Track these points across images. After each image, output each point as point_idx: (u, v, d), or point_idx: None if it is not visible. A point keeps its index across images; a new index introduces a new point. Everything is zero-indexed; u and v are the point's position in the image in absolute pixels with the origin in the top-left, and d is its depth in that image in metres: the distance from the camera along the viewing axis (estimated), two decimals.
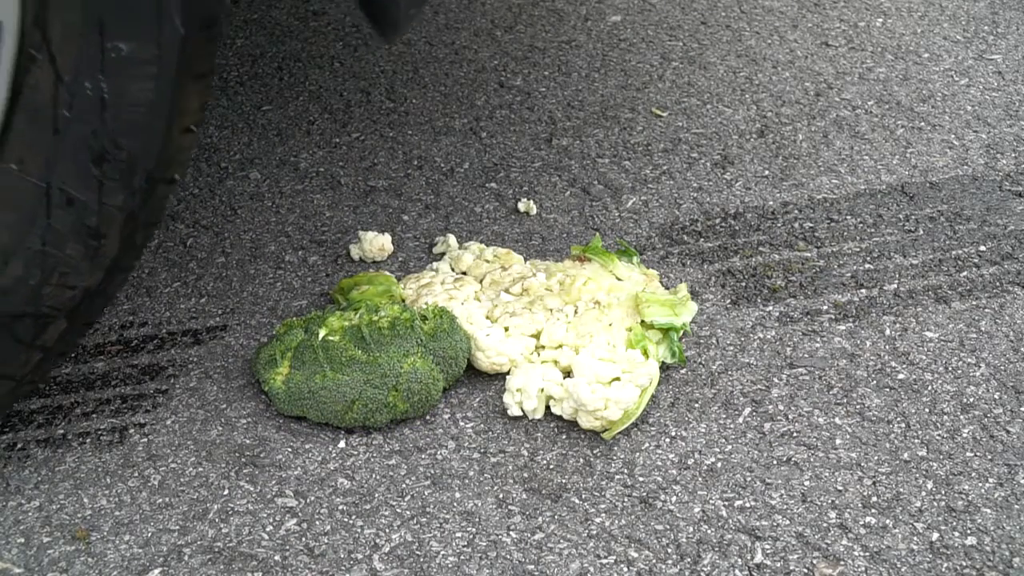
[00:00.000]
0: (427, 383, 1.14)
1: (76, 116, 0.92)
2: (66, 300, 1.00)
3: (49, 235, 0.96)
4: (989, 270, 1.39)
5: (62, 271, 0.98)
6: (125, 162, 0.95)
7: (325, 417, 1.14)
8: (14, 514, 1.07)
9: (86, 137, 0.93)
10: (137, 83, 0.92)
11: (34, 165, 0.94)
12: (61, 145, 0.93)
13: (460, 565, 1.01)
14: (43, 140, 0.93)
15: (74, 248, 0.97)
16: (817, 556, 1.02)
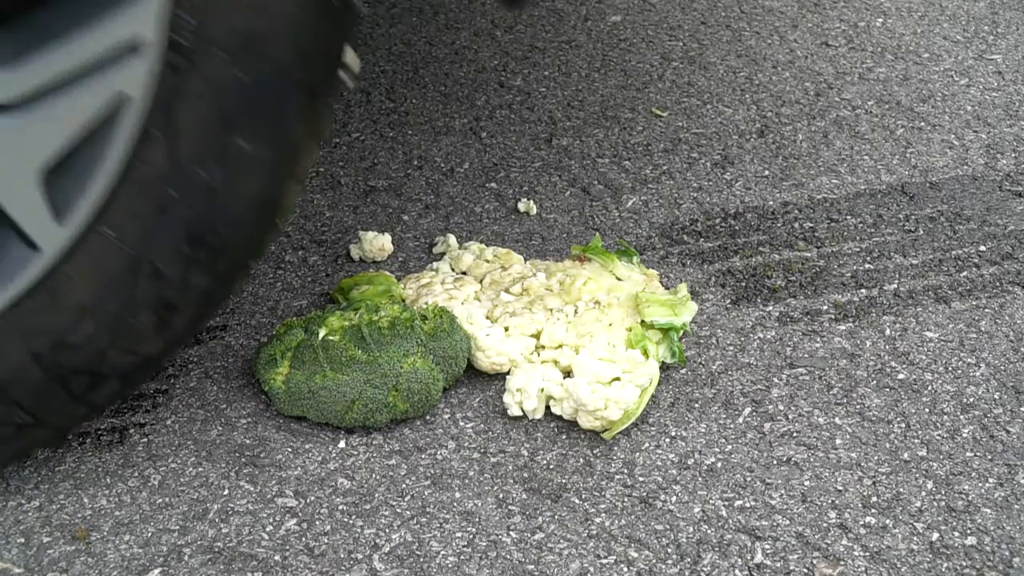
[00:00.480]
0: (427, 383, 1.14)
1: (183, 199, 0.95)
2: (125, 364, 1.03)
3: (128, 302, 0.99)
4: (989, 270, 1.39)
5: (130, 337, 1.01)
6: (218, 248, 0.98)
7: (325, 417, 1.14)
8: (14, 514, 1.07)
9: (188, 219, 0.96)
10: (248, 179, 0.96)
11: (131, 235, 0.96)
12: (162, 222, 0.96)
13: (460, 565, 1.01)
14: (146, 214, 0.95)
15: (147, 318, 1.00)
16: (817, 556, 1.02)
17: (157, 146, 0.93)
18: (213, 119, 0.92)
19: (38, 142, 0.91)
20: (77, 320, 0.99)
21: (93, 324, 0.99)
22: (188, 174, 0.94)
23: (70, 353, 1.00)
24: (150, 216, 0.95)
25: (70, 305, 0.98)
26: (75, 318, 0.99)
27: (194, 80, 0.91)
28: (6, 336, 0.99)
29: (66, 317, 0.99)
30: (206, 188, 0.95)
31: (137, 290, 0.98)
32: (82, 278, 0.97)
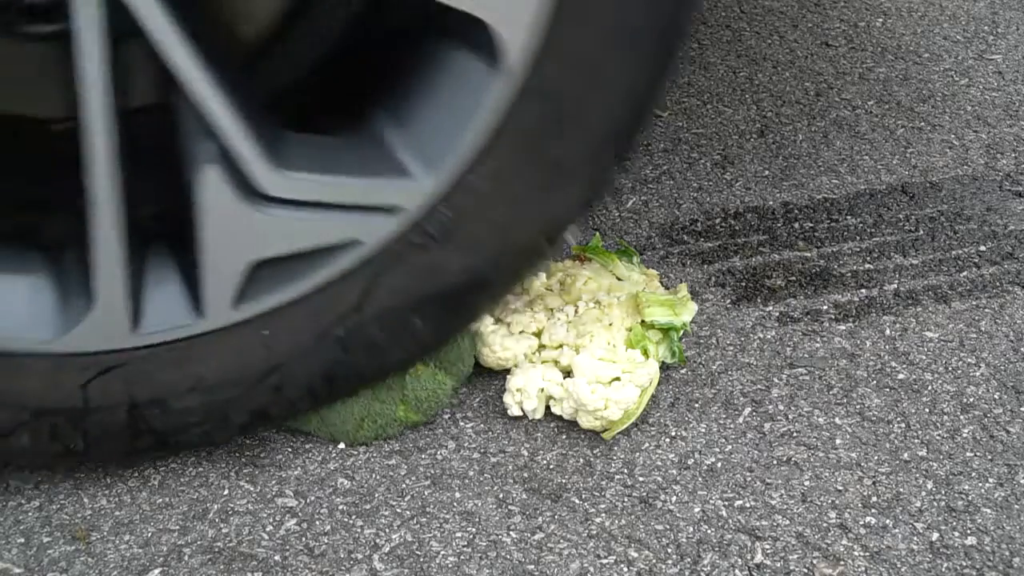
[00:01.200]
0: (433, 388, 1.13)
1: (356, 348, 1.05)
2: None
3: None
4: (989, 270, 1.39)
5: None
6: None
7: (333, 435, 1.13)
8: (14, 514, 1.07)
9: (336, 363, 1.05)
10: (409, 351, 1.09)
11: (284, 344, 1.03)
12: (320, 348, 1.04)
13: (460, 565, 1.01)
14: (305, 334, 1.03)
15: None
16: (817, 556, 1.02)
17: (353, 290, 1.01)
18: (407, 301, 1.02)
19: (272, 239, 0.98)
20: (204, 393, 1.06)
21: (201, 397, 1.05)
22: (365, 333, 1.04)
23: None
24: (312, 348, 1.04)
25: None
26: None
27: (417, 259, 1.00)
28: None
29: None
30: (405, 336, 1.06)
31: (258, 390, 1.07)
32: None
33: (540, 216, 1.02)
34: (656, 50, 0.97)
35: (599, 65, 0.95)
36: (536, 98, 0.94)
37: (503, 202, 0.99)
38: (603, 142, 1.00)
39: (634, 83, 0.97)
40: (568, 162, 0.99)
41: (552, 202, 1.01)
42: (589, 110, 0.97)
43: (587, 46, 0.93)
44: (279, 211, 0.96)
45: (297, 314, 1.01)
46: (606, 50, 0.94)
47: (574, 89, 0.95)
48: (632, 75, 0.97)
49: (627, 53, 0.95)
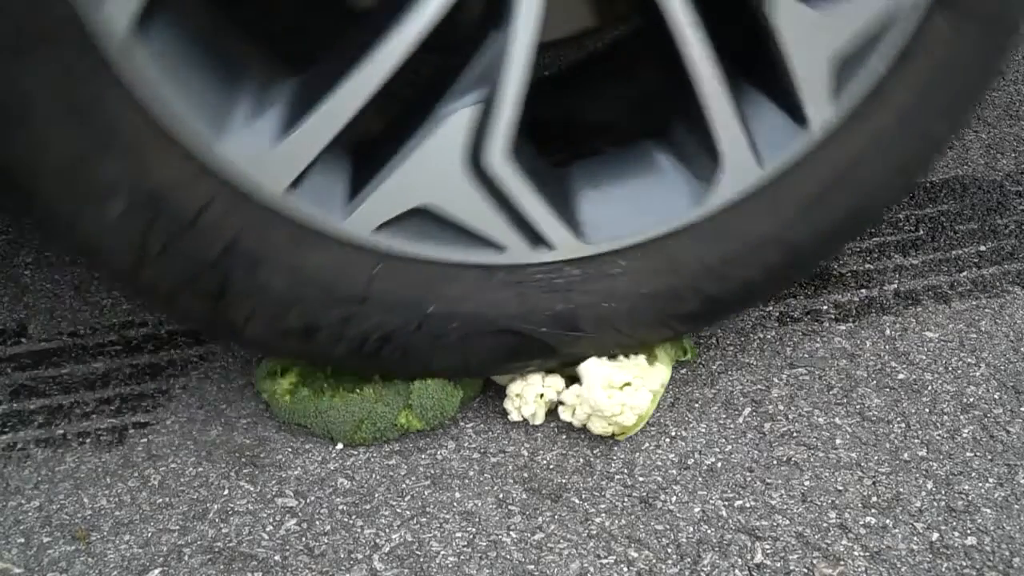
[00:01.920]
0: (440, 399, 1.12)
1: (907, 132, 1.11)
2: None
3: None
4: (989, 270, 1.39)
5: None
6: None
7: (331, 435, 1.13)
8: (14, 514, 1.07)
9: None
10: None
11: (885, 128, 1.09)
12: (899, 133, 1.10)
13: (460, 565, 1.01)
14: (888, 124, 1.10)
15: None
16: (817, 556, 1.02)
17: (908, 78, 1.05)
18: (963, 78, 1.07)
19: (834, 33, 1.01)
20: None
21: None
22: (914, 124, 1.08)
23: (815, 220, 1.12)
24: (891, 127, 1.08)
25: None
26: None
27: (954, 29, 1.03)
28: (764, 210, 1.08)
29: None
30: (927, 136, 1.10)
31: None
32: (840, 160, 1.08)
33: None
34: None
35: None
36: None
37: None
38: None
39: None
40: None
41: None
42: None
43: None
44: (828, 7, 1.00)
45: (876, 111, 1.07)
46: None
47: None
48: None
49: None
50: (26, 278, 1.40)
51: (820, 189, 1.08)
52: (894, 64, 1.04)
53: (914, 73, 1.05)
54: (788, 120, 1.05)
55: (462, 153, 0.96)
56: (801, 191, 1.08)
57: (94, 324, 1.32)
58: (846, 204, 1.11)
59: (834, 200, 1.10)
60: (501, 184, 0.98)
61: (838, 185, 1.09)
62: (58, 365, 1.26)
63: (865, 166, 1.09)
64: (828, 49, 1.01)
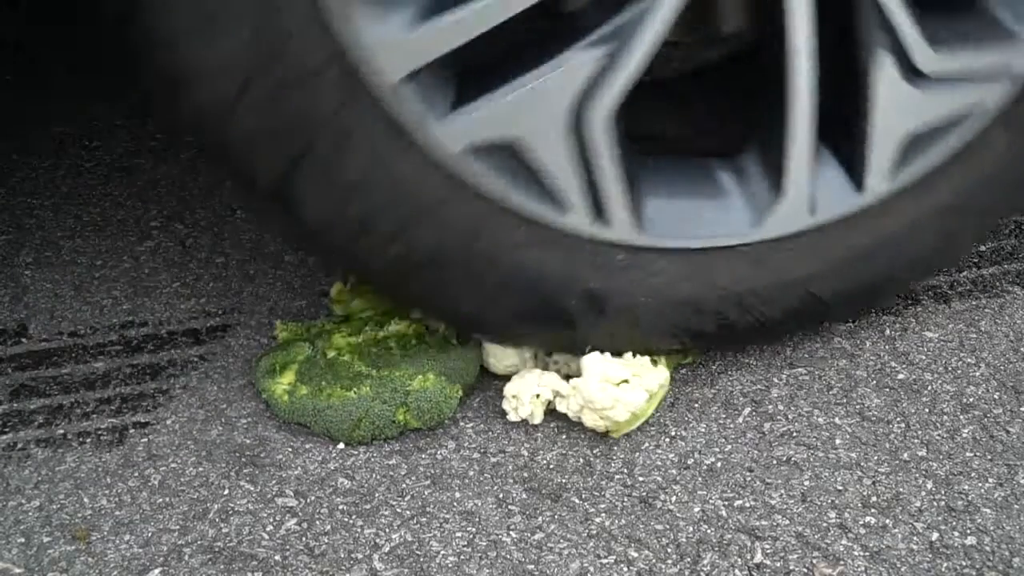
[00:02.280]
0: (438, 400, 1.12)
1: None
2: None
3: None
4: (989, 270, 1.39)
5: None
6: None
7: (329, 433, 1.13)
8: (14, 514, 1.07)
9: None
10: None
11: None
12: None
13: (460, 565, 1.01)
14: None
15: None
16: (817, 556, 1.02)
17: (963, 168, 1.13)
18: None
19: (916, 113, 1.08)
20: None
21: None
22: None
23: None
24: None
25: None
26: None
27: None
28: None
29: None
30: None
31: None
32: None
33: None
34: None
35: None
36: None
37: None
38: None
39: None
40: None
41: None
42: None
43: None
44: (931, 86, 1.07)
45: (925, 193, 1.13)
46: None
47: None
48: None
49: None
50: (26, 278, 1.40)
51: (857, 252, 1.14)
52: (950, 158, 1.11)
53: (964, 171, 1.12)
54: (847, 181, 1.11)
55: (571, 101, 0.98)
56: (840, 248, 1.14)
57: (94, 324, 1.32)
58: (876, 271, 1.16)
59: (867, 265, 1.15)
60: (593, 145, 1.00)
61: (873, 252, 1.14)
62: (58, 365, 1.26)
63: (902, 241, 1.15)
64: (906, 128, 1.08)
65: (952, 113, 1.09)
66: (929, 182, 1.13)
